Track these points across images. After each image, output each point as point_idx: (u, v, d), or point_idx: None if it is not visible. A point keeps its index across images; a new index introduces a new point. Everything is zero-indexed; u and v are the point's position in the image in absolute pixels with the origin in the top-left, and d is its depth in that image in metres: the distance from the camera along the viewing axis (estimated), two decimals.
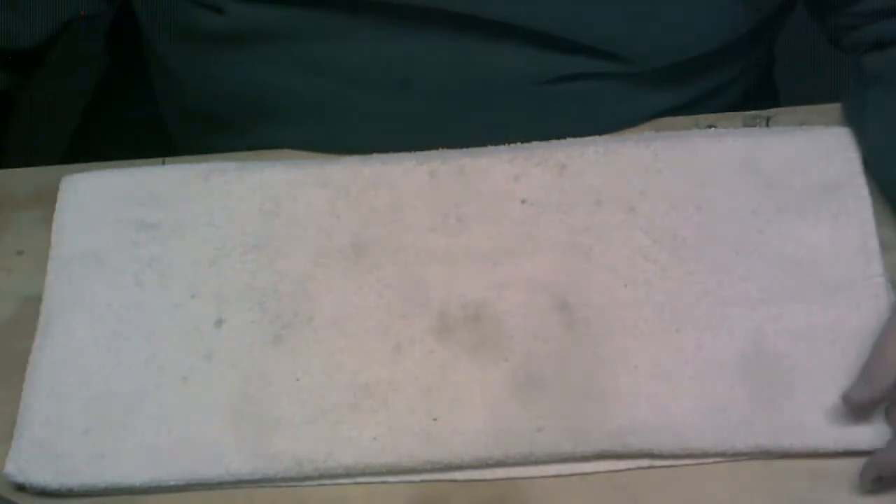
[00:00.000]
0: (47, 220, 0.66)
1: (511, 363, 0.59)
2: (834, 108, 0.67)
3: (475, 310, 0.61)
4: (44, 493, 0.58)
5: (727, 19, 0.64)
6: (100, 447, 0.58)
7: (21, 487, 0.58)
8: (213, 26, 0.66)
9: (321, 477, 0.57)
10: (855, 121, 0.65)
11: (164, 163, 0.68)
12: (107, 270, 0.63)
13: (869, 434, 0.56)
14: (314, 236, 0.63)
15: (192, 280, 0.63)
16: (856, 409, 0.55)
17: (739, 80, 0.73)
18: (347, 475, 0.57)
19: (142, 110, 0.84)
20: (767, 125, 0.67)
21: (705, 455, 0.56)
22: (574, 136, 0.66)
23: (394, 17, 0.63)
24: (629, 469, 0.57)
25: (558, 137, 0.65)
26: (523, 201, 0.63)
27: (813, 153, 0.63)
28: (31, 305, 0.63)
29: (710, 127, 0.67)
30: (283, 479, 0.57)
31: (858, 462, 0.56)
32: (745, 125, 0.67)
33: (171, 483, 0.57)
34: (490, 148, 0.66)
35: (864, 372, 0.56)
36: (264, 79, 0.68)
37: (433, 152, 0.65)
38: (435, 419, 0.58)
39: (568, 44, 0.63)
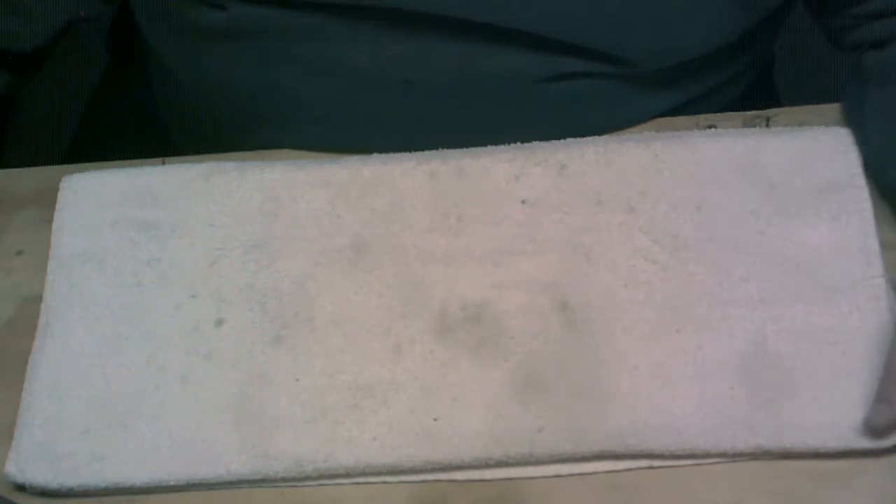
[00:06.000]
0: (47, 220, 0.66)
1: (511, 363, 0.59)
2: (834, 108, 0.67)
3: (475, 310, 0.61)
4: (44, 493, 0.58)
5: (726, 21, 0.64)
6: (100, 447, 0.58)
7: (21, 487, 0.58)
8: (213, 23, 0.66)
9: (321, 477, 0.57)
10: (854, 120, 0.65)
11: (164, 163, 0.68)
12: (107, 270, 0.63)
13: (863, 440, 0.55)
14: (314, 236, 0.63)
15: (192, 280, 0.63)
16: (879, 432, 0.55)
17: (739, 79, 0.73)
18: (347, 475, 0.57)
19: (142, 110, 0.84)
20: (767, 125, 0.67)
21: (706, 455, 0.56)
22: (574, 136, 0.66)
23: (393, 20, 0.63)
24: (629, 469, 0.57)
25: (558, 137, 0.65)
26: (523, 201, 0.63)
27: (813, 153, 0.63)
28: (31, 305, 0.63)
29: (710, 127, 0.67)
30: (283, 480, 0.57)
31: (858, 462, 0.56)
32: (745, 125, 0.67)
33: (171, 483, 0.57)
34: (490, 148, 0.66)
35: (881, 394, 0.55)
36: (264, 79, 0.68)
37: (433, 152, 0.65)
38: (435, 419, 0.58)
39: (567, 46, 0.64)
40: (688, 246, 0.61)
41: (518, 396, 0.58)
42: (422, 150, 0.66)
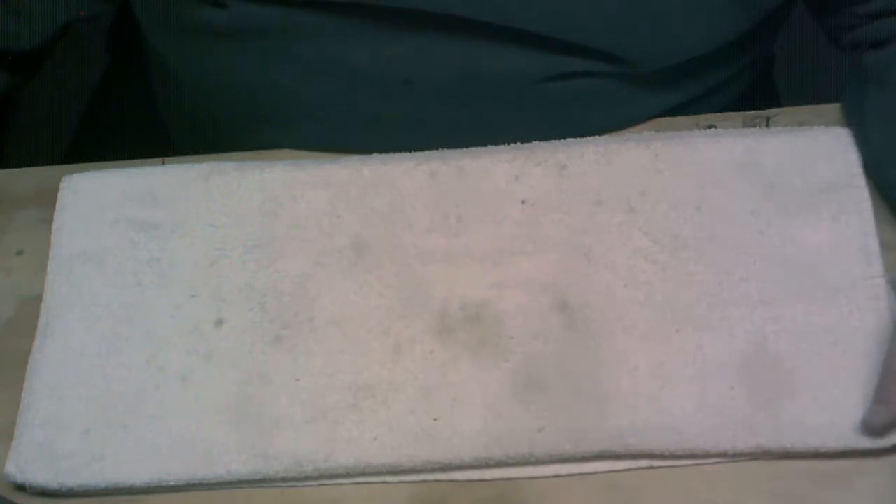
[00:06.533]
0: (47, 220, 0.66)
1: (511, 363, 0.59)
2: (834, 108, 0.67)
3: (475, 310, 0.61)
4: (44, 493, 0.58)
5: (726, 21, 0.64)
6: (100, 447, 0.58)
7: (21, 487, 0.58)
8: (213, 22, 0.66)
9: (321, 477, 0.57)
10: (854, 120, 0.65)
11: (164, 163, 0.68)
12: (107, 270, 0.63)
13: (863, 440, 0.55)
14: (314, 236, 0.63)
15: (192, 280, 0.63)
16: (877, 432, 0.55)
17: (739, 78, 0.73)
18: (347, 475, 0.57)
19: (142, 110, 0.84)
20: (767, 125, 0.67)
21: (706, 455, 0.56)
22: (574, 136, 0.66)
23: (394, 19, 0.63)
24: (629, 469, 0.57)
25: (558, 137, 0.65)
26: (523, 201, 0.63)
27: (813, 153, 0.63)
28: (31, 305, 0.63)
29: (710, 127, 0.67)
30: (283, 480, 0.57)
31: (858, 462, 0.56)
32: (745, 125, 0.67)
33: (171, 483, 0.57)
34: (490, 148, 0.66)
35: (879, 394, 0.55)
36: (264, 79, 0.68)
37: (433, 152, 0.65)
38: (435, 419, 0.58)
39: (567, 46, 0.64)
40: (688, 246, 0.61)
41: (518, 396, 0.58)
42: (422, 150, 0.66)
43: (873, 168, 0.63)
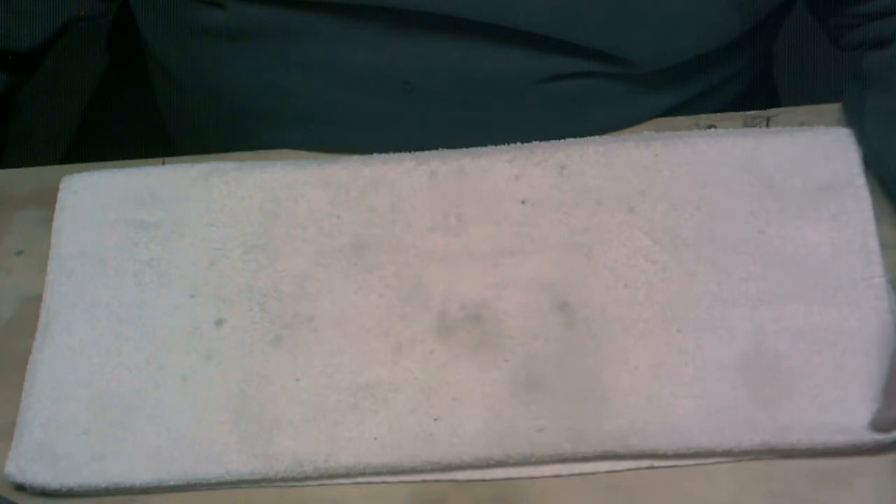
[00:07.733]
0: (47, 220, 0.66)
1: (511, 363, 0.59)
2: (834, 108, 0.67)
3: (475, 310, 0.61)
4: (44, 493, 0.58)
5: (725, 21, 0.64)
6: (100, 447, 0.58)
7: (21, 487, 0.58)
8: (212, 22, 0.66)
9: (321, 477, 0.57)
10: (854, 120, 0.65)
11: (164, 163, 0.68)
12: (107, 270, 0.63)
13: (869, 434, 0.56)
14: (314, 236, 0.63)
15: (192, 280, 0.63)
16: (886, 431, 0.55)
17: (739, 77, 0.73)
18: (347, 475, 0.57)
19: (142, 110, 0.84)
20: (767, 125, 0.67)
21: (706, 455, 0.56)
22: (574, 136, 0.66)
23: (393, 20, 0.63)
24: (629, 469, 0.57)
25: (558, 137, 0.65)
26: (523, 201, 0.63)
27: (813, 153, 0.63)
28: (31, 305, 0.63)
29: (710, 127, 0.67)
30: (283, 480, 0.57)
31: (858, 462, 0.56)
32: (745, 125, 0.67)
33: (172, 483, 0.57)
34: (490, 148, 0.66)
35: (887, 396, 0.55)
36: (264, 79, 0.68)
37: (433, 152, 0.65)
38: (435, 419, 0.58)
39: (566, 46, 0.64)
40: (688, 246, 0.61)
41: (518, 396, 0.58)
42: (422, 150, 0.66)
43: (876, 167, 0.63)
